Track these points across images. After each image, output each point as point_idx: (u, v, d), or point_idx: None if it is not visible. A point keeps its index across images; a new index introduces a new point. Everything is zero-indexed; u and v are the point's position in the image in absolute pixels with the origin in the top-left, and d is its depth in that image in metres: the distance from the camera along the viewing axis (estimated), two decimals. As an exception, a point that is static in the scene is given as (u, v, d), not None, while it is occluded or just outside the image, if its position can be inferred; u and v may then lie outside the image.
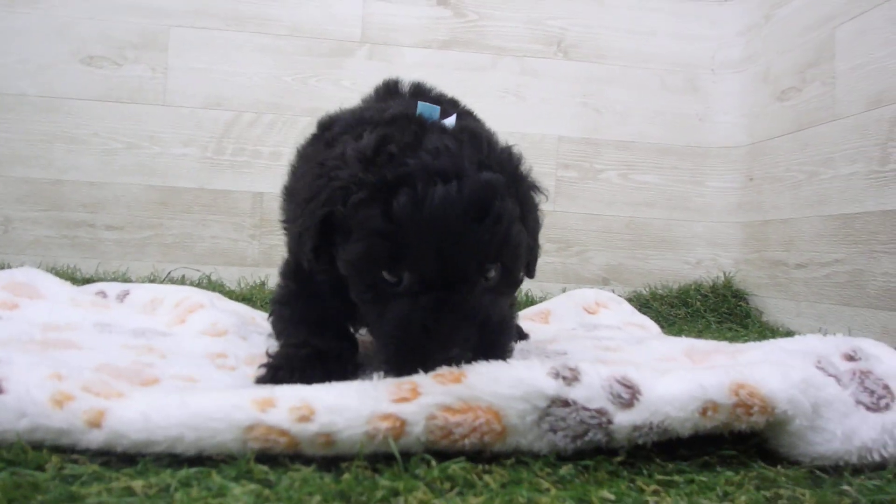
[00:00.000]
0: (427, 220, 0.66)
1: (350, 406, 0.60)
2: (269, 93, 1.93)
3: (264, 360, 0.82)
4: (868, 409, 0.68)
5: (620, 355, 0.96)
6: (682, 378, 0.64)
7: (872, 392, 0.70)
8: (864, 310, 1.48)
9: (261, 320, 1.25)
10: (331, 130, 0.88)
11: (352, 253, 0.71)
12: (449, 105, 1.00)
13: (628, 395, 0.63)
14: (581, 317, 1.38)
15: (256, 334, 1.10)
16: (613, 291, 1.98)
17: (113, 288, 1.39)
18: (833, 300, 1.58)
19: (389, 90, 1.05)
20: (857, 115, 1.51)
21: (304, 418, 0.59)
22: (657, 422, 0.62)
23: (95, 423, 0.59)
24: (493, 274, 0.73)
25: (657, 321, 1.82)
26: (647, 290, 1.99)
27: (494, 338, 0.70)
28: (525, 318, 1.40)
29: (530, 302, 1.80)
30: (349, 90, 1.93)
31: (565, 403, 0.62)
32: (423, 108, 0.78)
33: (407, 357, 0.67)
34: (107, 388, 0.63)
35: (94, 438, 0.58)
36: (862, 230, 1.49)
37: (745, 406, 0.63)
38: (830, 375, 0.69)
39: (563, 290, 1.94)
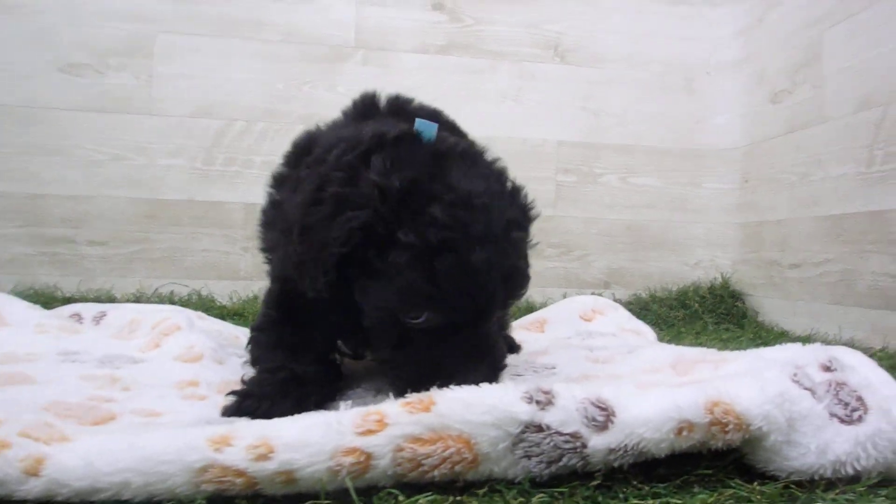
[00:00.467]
0: (466, 282, 0.77)
1: (312, 441, 0.63)
2: (261, 100, 2.13)
3: (238, 386, 0.90)
4: (842, 421, 0.73)
5: (609, 368, 1.07)
6: (657, 397, 0.70)
7: (846, 404, 0.75)
8: (855, 308, 1.76)
9: (245, 338, 1.17)
10: (311, 154, 0.93)
11: (384, 301, 0.80)
12: (430, 117, 1.02)
13: (602, 417, 0.67)
14: (576, 325, 1.57)
15: (236, 356, 1.20)
16: (614, 295, 2.24)
17: (89, 310, 1.53)
18: (825, 299, 1.86)
19: (366, 104, 1.11)
20: (845, 116, 1.80)
21: (263, 456, 0.62)
22: (632, 444, 0.67)
23: (33, 472, 0.60)
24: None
25: (656, 324, 2.08)
26: (647, 292, 2.25)
27: (496, 364, 0.83)
28: (520, 328, 1.58)
29: (530, 308, 2.02)
30: (344, 96, 2.12)
31: (539, 429, 0.66)
32: (421, 125, 0.85)
33: (426, 388, 0.73)
34: (48, 432, 0.65)
35: (33, 488, 0.59)
36: (851, 230, 1.77)
37: (721, 424, 0.68)
38: (806, 388, 0.74)
39: (565, 295, 2.19)
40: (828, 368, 0.81)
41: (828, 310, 1.85)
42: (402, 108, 1.06)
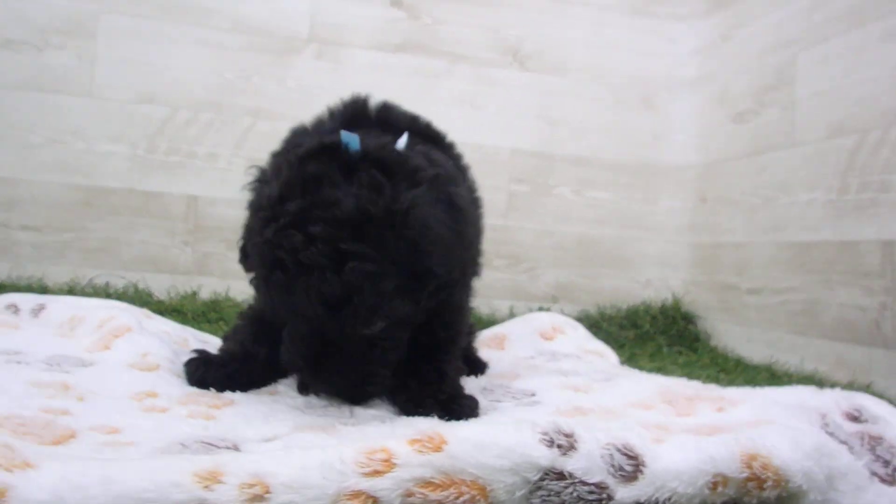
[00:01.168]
0: (294, 305, 0.67)
1: (312, 483, 0.48)
2: (208, 90, 1.69)
3: (199, 399, 0.74)
4: (883, 481, 0.60)
5: (593, 398, 0.80)
6: (687, 447, 0.55)
7: (887, 462, 0.62)
8: (819, 340, 1.36)
9: (195, 342, 1.06)
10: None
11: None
12: (412, 126, 0.89)
13: (631, 466, 0.52)
14: (537, 344, 1.21)
15: None
16: (563, 311, 1.82)
17: (27, 301, 1.15)
18: (786, 328, 1.45)
19: (357, 109, 0.92)
20: (816, 142, 1.39)
21: (258, 497, 0.47)
22: (663, 498, 0.52)
23: (-8, 506, 0.43)
24: None
25: (607, 343, 1.66)
26: (596, 309, 1.84)
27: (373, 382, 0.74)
28: (481, 345, 1.22)
29: (479, 320, 1.62)
30: (295, 90, 1.71)
31: (560, 476, 0.51)
32: (345, 136, 0.71)
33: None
34: (9, 456, 0.48)
35: (-9, 525, 0.42)
36: (818, 259, 1.37)
37: (758, 480, 0.54)
38: (842, 442, 0.61)
39: (511, 308, 1.78)
40: (856, 419, 0.67)
41: (788, 339, 1.45)
42: (389, 118, 0.90)
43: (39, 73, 1.63)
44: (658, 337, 1.72)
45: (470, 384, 0.87)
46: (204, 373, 0.79)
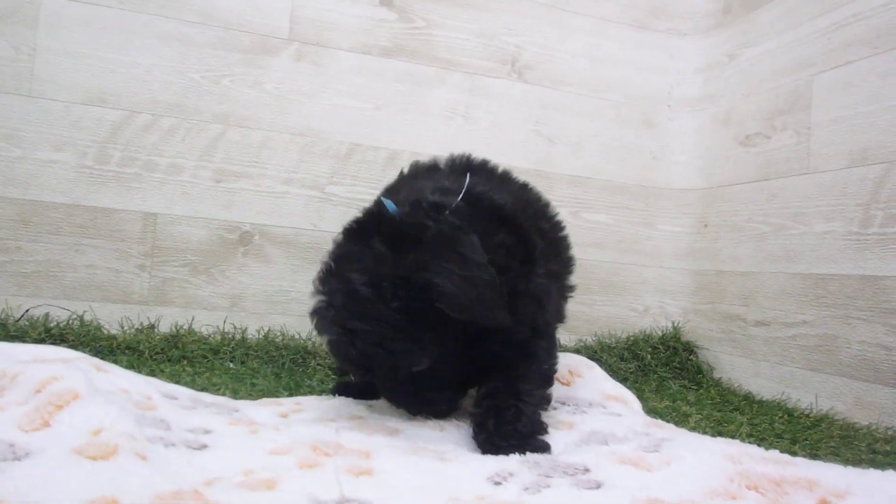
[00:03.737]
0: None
1: None
2: (172, 91, 1.56)
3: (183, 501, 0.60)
4: None
5: (662, 480, 0.73)
6: None
7: None
8: (836, 377, 1.37)
9: (161, 399, 0.86)
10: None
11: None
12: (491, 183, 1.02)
13: None
14: (556, 389, 1.15)
15: (163, 445, 0.68)
16: (559, 340, 1.79)
17: None
18: (798, 364, 1.47)
19: (456, 166, 1.06)
20: (835, 170, 1.41)
21: None
22: None
23: None
24: None
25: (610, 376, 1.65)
26: (595, 339, 1.82)
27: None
28: None
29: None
30: (272, 95, 1.61)
31: None
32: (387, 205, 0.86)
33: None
34: None
35: None
36: (837, 293, 1.38)
37: None
38: None
39: (508, 338, 1.73)
40: None
41: (801, 375, 1.46)
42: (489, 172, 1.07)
43: (-34, 65, 1.47)
44: (659, 369, 1.71)
45: (511, 455, 0.80)
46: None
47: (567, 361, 1.24)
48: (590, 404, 1.10)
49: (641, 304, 1.89)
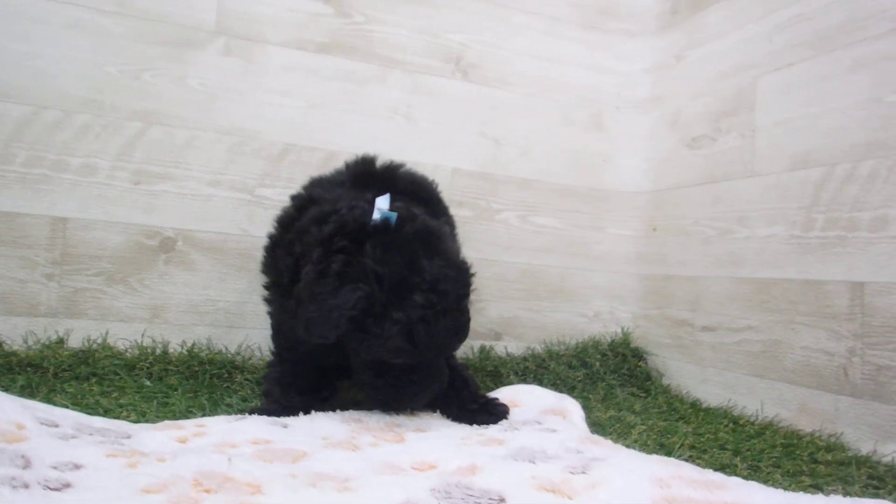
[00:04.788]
0: (433, 342, 0.97)
1: None
2: (85, 86, 1.47)
3: None
4: None
5: None
6: None
7: None
8: (780, 384, 1.38)
9: (35, 429, 0.73)
10: (302, 219, 1.09)
11: (375, 353, 0.98)
12: (414, 187, 1.28)
13: None
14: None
15: (10, 487, 0.56)
16: (506, 348, 1.76)
17: None
18: (744, 370, 1.47)
19: (366, 168, 1.28)
20: (778, 173, 1.42)
21: None
22: None
23: None
24: None
25: (555, 385, 1.63)
26: (543, 346, 1.79)
27: (442, 385, 1.09)
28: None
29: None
30: (197, 91, 1.53)
31: None
32: (388, 215, 1.01)
33: (391, 408, 1.07)
34: None
35: None
36: (780, 298, 1.39)
37: None
38: None
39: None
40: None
41: (747, 381, 1.46)
42: (393, 177, 1.26)
43: None
44: (608, 376, 1.70)
45: (420, 482, 0.73)
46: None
47: (502, 395, 1.20)
48: (524, 422, 1.07)
49: (591, 309, 1.88)
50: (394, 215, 1.00)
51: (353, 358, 1.03)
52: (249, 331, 1.54)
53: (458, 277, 1.02)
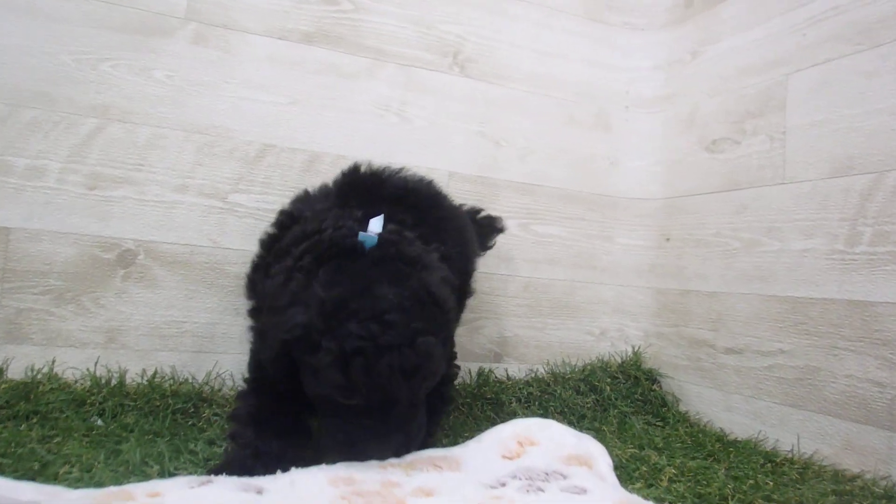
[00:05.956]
0: (374, 381, 0.83)
1: None
2: (36, 76, 1.28)
3: None
4: None
5: None
6: None
7: None
8: (820, 416, 1.23)
9: None
10: (284, 240, 1.00)
11: (313, 388, 0.88)
12: (408, 194, 1.11)
13: None
14: (501, 467, 0.91)
15: None
16: (507, 371, 1.60)
17: None
18: (776, 398, 1.32)
19: (352, 181, 1.12)
20: (816, 180, 1.27)
21: None
22: None
23: None
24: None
25: (563, 414, 1.47)
26: (547, 368, 1.63)
27: (409, 438, 0.90)
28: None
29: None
30: (164, 84, 1.35)
31: None
32: (364, 237, 0.91)
33: (350, 455, 0.86)
34: None
35: None
36: (819, 320, 1.24)
37: None
38: None
39: (449, 370, 1.52)
40: None
41: (779, 412, 1.31)
42: (379, 185, 1.10)
43: None
44: (620, 403, 1.54)
45: None
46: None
47: (515, 430, 1.01)
48: (547, 475, 0.90)
49: (598, 326, 1.72)
50: (373, 239, 0.91)
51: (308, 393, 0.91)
52: (220, 356, 1.36)
53: (419, 310, 0.86)
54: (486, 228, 1.42)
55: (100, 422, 1.10)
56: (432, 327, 0.87)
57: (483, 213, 1.45)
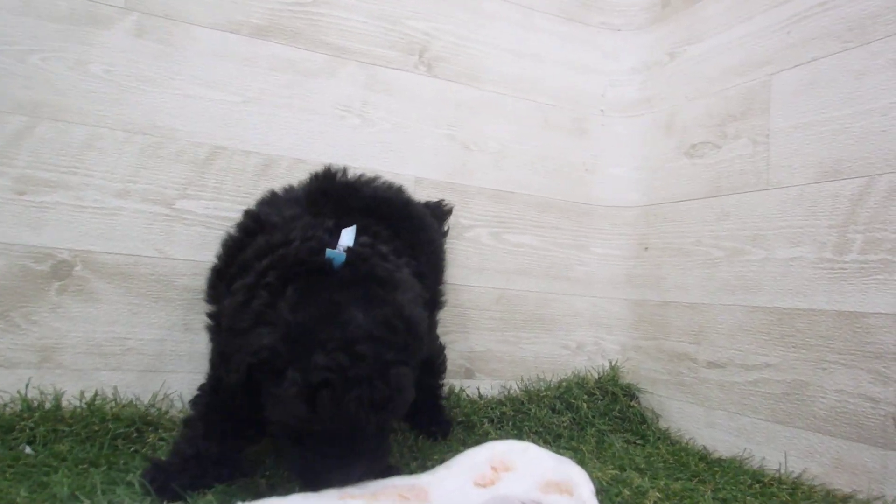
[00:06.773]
0: (340, 413, 0.76)
1: None
2: (-48, 69, 1.15)
3: None
4: None
5: None
6: None
7: None
8: (809, 433, 1.15)
9: None
10: (248, 250, 0.93)
11: (276, 415, 0.81)
12: (379, 205, 1.04)
13: None
14: (474, 496, 0.83)
15: None
16: (479, 389, 1.50)
17: None
18: (762, 414, 1.25)
19: (322, 187, 1.05)
20: (802, 185, 1.20)
21: None
22: None
23: None
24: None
25: (539, 434, 1.38)
26: (521, 384, 1.54)
27: (374, 463, 0.83)
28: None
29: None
30: (101, 80, 1.23)
31: None
32: (331, 254, 0.85)
33: (310, 484, 0.79)
34: None
35: None
36: (807, 332, 1.17)
37: None
38: None
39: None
40: None
41: (765, 428, 1.24)
42: (352, 194, 1.04)
43: None
44: (598, 421, 1.46)
45: None
46: (165, 480, 0.85)
47: (490, 453, 0.91)
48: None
49: (574, 339, 1.64)
50: (341, 256, 0.86)
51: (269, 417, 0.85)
52: (168, 375, 1.24)
53: (391, 339, 0.81)
54: (439, 217, 1.38)
55: (29, 450, 0.98)
56: (404, 356, 0.82)
57: (429, 202, 1.41)
